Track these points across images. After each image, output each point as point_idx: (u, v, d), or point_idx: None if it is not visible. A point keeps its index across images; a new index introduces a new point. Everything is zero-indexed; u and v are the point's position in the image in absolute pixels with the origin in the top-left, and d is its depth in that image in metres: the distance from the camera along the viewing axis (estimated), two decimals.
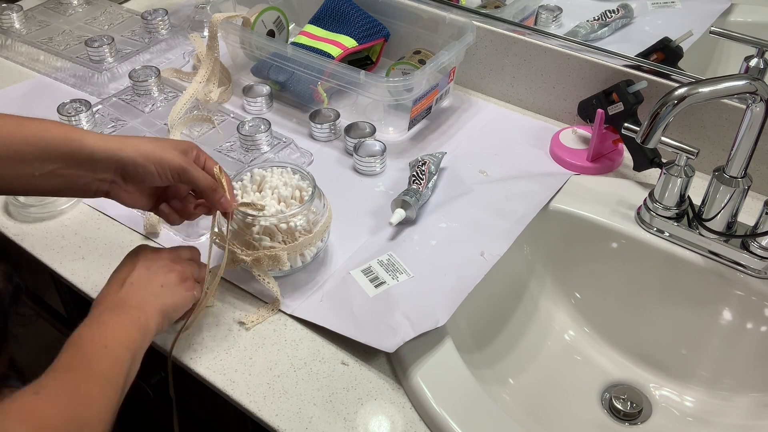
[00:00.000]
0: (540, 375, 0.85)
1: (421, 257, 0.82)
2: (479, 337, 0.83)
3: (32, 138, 0.64)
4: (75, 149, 0.65)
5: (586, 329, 0.89)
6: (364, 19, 1.10)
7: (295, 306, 0.78)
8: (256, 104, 1.07)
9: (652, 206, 0.84)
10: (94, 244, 0.86)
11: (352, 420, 0.68)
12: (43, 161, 0.65)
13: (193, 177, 0.69)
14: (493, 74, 1.08)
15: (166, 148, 0.69)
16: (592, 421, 0.82)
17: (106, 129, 1.01)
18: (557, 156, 0.96)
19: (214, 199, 0.72)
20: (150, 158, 0.67)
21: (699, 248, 0.82)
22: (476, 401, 0.68)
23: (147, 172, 0.68)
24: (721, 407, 0.81)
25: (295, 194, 0.79)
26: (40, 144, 0.64)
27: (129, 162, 0.67)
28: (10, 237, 0.88)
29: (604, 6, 1.04)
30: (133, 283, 0.68)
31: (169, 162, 0.68)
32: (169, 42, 1.22)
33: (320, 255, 0.83)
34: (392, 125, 1.03)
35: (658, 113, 0.71)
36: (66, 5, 1.31)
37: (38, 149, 0.64)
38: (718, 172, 0.79)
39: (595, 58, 0.97)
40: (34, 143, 0.64)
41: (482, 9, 1.09)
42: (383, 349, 0.71)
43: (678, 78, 0.92)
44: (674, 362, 0.85)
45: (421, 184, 0.88)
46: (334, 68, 0.99)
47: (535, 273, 0.90)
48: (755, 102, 0.71)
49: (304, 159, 0.98)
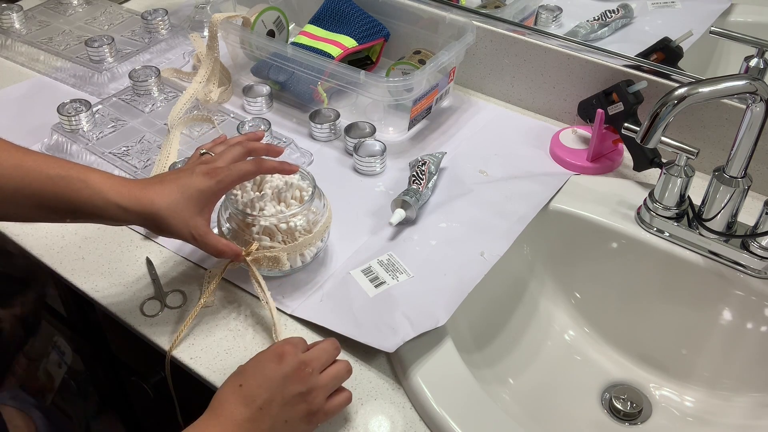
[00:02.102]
0: (540, 375, 0.85)
1: (421, 257, 0.82)
2: (479, 337, 0.83)
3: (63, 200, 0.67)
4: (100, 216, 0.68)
5: (586, 329, 0.89)
6: (364, 19, 1.10)
7: (295, 306, 0.78)
8: (256, 104, 1.07)
9: (652, 206, 0.84)
10: (94, 244, 0.86)
11: (352, 420, 0.68)
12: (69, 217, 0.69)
13: (202, 249, 0.71)
14: (493, 74, 1.08)
15: (186, 218, 0.69)
16: (592, 421, 0.82)
17: (106, 129, 1.01)
18: (557, 156, 0.96)
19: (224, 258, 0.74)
20: (164, 231, 0.69)
21: (699, 248, 0.82)
22: (476, 401, 0.68)
23: (161, 235, 0.71)
24: (721, 407, 0.81)
25: (295, 194, 0.79)
26: (68, 206, 0.67)
27: (145, 227, 0.70)
28: (11, 237, 0.88)
29: (604, 6, 1.04)
30: (262, 409, 0.61)
31: (180, 237, 0.70)
32: (169, 42, 1.22)
33: (320, 255, 0.83)
34: (392, 125, 1.03)
35: (658, 113, 0.71)
36: (66, 5, 1.31)
37: (66, 210, 0.67)
38: (718, 172, 0.79)
39: (595, 58, 0.97)
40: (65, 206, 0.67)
41: (482, 9, 1.09)
42: (383, 349, 0.71)
43: (678, 78, 0.92)
44: (674, 362, 0.85)
45: (421, 184, 0.88)
46: (334, 68, 0.99)
47: (535, 273, 0.90)
48: (755, 102, 0.71)
49: (304, 159, 0.98)
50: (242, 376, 0.63)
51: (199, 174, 0.70)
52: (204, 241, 0.70)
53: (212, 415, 0.61)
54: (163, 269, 0.83)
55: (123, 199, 0.66)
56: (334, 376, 0.65)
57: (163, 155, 0.93)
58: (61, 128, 0.99)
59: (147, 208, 0.67)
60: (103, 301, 0.80)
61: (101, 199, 0.66)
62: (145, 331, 0.76)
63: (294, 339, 0.66)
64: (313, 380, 0.63)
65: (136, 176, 0.93)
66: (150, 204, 0.67)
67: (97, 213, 0.67)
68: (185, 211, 0.68)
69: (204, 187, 0.69)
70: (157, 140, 0.99)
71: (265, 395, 0.61)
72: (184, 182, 0.69)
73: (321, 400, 0.64)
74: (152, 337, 0.76)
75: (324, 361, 0.65)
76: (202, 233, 0.69)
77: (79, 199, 0.66)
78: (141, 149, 0.97)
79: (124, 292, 0.80)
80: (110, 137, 0.99)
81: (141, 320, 0.77)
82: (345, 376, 0.66)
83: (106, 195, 0.66)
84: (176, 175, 0.70)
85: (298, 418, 0.62)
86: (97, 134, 0.99)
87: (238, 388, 0.62)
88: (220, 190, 0.70)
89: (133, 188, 0.67)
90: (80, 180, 0.66)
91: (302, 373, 0.63)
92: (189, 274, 0.82)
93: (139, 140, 0.99)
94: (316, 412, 0.63)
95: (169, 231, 0.68)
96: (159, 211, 0.67)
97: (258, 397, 0.61)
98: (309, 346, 0.67)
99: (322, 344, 0.67)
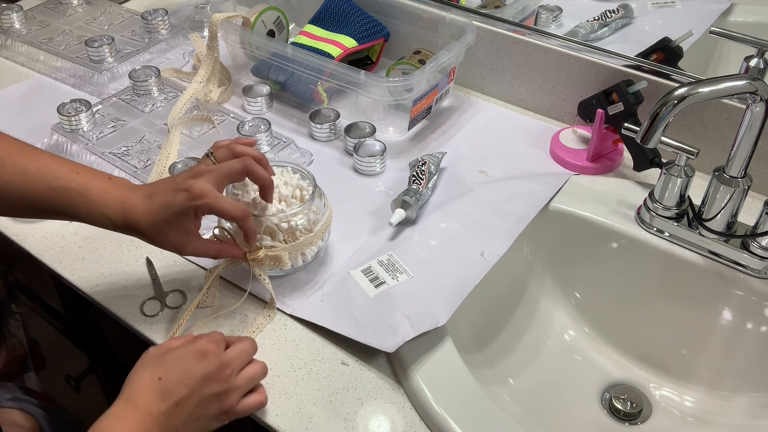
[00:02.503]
0: (540, 375, 0.85)
1: (421, 257, 0.82)
2: (479, 337, 0.83)
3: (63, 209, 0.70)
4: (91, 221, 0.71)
5: (586, 329, 0.89)
6: (364, 19, 1.10)
7: (295, 306, 0.78)
8: (256, 104, 1.07)
9: (652, 206, 0.84)
10: (94, 244, 0.86)
11: (352, 420, 0.68)
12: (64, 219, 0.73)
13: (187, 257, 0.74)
14: (493, 74, 1.08)
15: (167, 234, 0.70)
16: (592, 421, 0.82)
17: (106, 129, 1.01)
18: (557, 156, 0.96)
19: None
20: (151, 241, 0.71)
21: (699, 248, 0.82)
22: (476, 401, 0.68)
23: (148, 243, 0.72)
24: (721, 407, 0.81)
25: (295, 194, 0.79)
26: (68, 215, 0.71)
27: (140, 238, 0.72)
28: (10, 237, 0.88)
29: (604, 6, 1.04)
30: (179, 405, 0.62)
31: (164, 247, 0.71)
32: (169, 42, 1.22)
33: (320, 254, 0.83)
34: (392, 125, 1.03)
35: (658, 113, 0.71)
36: (66, 5, 1.31)
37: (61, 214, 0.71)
38: (718, 172, 0.79)
39: (595, 58, 0.97)
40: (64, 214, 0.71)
41: (482, 9, 1.09)
42: (383, 349, 0.71)
43: (678, 78, 0.92)
44: (674, 362, 0.85)
45: (421, 184, 0.88)
46: (334, 68, 0.99)
47: (535, 273, 0.90)
48: (755, 102, 0.71)
49: (304, 159, 0.98)
50: (162, 368, 0.64)
51: (182, 192, 0.69)
52: (187, 249, 0.71)
53: (127, 404, 0.62)
54: (163, 269, 0.83)
55: (116, 217, 0.70)
56: (250, 378, 0.67)
57: (163, 155, 0.93)
58: (61, 128, 0.99)
59: (134, 227, 0.70)
60: (103, 302, 0.80)
61: (98, 214, 0.70)
62: (145, 331, 0.76)
63: (216, 336, 0.67)
64: (231, 381, 0.65)
65: (136, 176, 0.92)
66: (136, 224, 0.70)
67: (93, 223, 0.71)
68: (167, 231, 0.70)
69: (183, 207, 0.69)
70: (157, 140, 0.99)
71: (183, 392, 0.62)
72: (167, 201, 0.69)
73: (235, 401, 0.65)
74: (152, 337, 0.76)
75: (243, 362, 0.67)
76: (184, 250, 0.72)
77: (78, 212, 0.70)
78: (141, 149, 0.97)
79: (124, 292, 0.80)
80: (110, 137, 0.99)
81: (141, 320, 0.77)
82: (260, 377, 0.68)
83: (102, 211, 0.70)
84: (165, 188, 0.70)
85: (210, 416, 0.64)
86: (97, 134, 0.99)
87: (157, 380, 0.63)
88: (200, 211, 0.70)
89: (126, 205, 0.70)
90: (80, 194, 0.70)
91: (222, 375, 0.64)
92: (189, 274, 0.82)
93: (139, 140, 0.99)
94: (228, 411, 0.65)
95: (154, 242, 0.71)
96: (144, 232, 0.70)
97: (176, 392, 0.62)
98: (227, 342, 0.68)
99: (242, 344, 0.68)
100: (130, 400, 0.62)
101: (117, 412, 0.61)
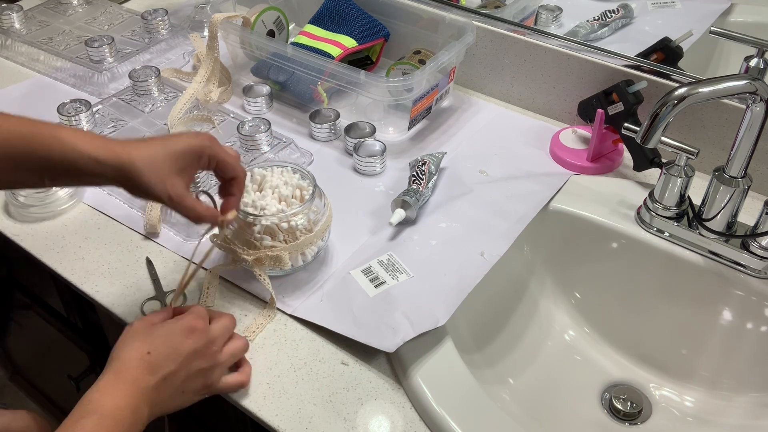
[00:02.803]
0: (540, 375, 0.85)
1: (421, 257, 0.82)
2: (479, 337, 0.83)
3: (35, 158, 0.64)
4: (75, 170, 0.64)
5: (586, 329, 0.89)
6: (364, 19, 1.10)
7: (295, 306, 0.78)
8: (256, 104, 1.07)
9: (652, 206, 0.84)
10: (94, 244, 0.86)
11: (352, 420, 0.68)
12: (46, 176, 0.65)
13: (179, 212, 0.67)
14: (493, 74, 1.08)
15: (163, 175, 0.64)
16: (592, 421, 0.82)
17: (106, 129, 1.01)
18: (557, 156, 0.96)
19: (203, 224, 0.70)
20: (140, 188, 0.64)
21: (699, 248, 0.82)
22: (476, 401, 0.68)
23: (137, 196, 0.66)
24: (721, 407, 0.81)
25: (295, 193, 0.79)
26: (42, 163, 0.64)
27: (120, 185, 0.65)
28: (11, 237, 0.88)
29: (604, 6, 1.04)
30: (166, 379, 0.64)
31: (155, 196, 0.65)
32: (169, 42, 1.22)
33: (320, 254, 0.83)
34: (392, 125, 1.03)
35: (658, 113, 0.71)
36: (66, 5, 1.31)
37: (41, 168, 0.64)
38: (718, 172, 0.79)
39: (595, 58, 0.97)
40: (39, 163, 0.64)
41: (482, 9, 1.09)
42: (383, 349, 0.71)
43: (678, 78, 0.92)
44: (674, 362, 0.85)
45: (421, 184, 0.88)
46: (334, 68, 0.99)
47: (535, 273, 0.90)
48: (755, 102, 0.71)
49: (304, 159, 0.98)
50: (150, 342, 0.64)
51: (188, 134, 0.68)
52: (181, 202, 0.66)
53: (117, 378, 0.62)
54: (163, 269, 0.83)
55: (97, 151, 0.63)
56: (233, 354, 0.69)
57: None
58: None
59: (122, 159, 0.63)
60: (103, 301, 0.80)
61: (73, 152, 0.63)
62: None
63: (201, 312, 0.68)
64: (216, 357, 0.67)
65: None
66: (127, 155, 0.63)
67: (71, 168, 0.63)
68: (164, 167, 0.64)
69: (190, 143, 0.66)
70: None
71: (171, 366, 0.64)
72: (170, 139, 0.66)
73: (218, 376, 0.68)
74: None
75: (225, 338, 0.69)
76: (179, 193, 0.65)
77: (52, 155, 0.63)
78: None
79: (124, 292, 0.80)
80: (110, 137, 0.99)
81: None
82: (242, 353, 0.71)
83: (79, 148, 0.63)
84: (164, 136, 0.68)
85: (194, 390, 0.66)
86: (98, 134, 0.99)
87: (146, 355, 0.63)
88: (205, 151, 0.67)
89: (111, 142, 0.64)
90: (52, 136, 0.63)
91: (209, 351, 0.66)
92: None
93: None
94: (210, 386, 0.67)
95: (144, 187, 0.64)
96: (135, 164, 0.63)
97: (164, 367, 0.63)
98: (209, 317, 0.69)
99: (224, 320, 0.70)
100: (120, 374, 0.63)
101: (106, 385, 0.62)
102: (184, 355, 0.65)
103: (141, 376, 0.63)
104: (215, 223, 0.71)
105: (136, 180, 0.63)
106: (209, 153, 0.68)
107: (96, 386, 0.62)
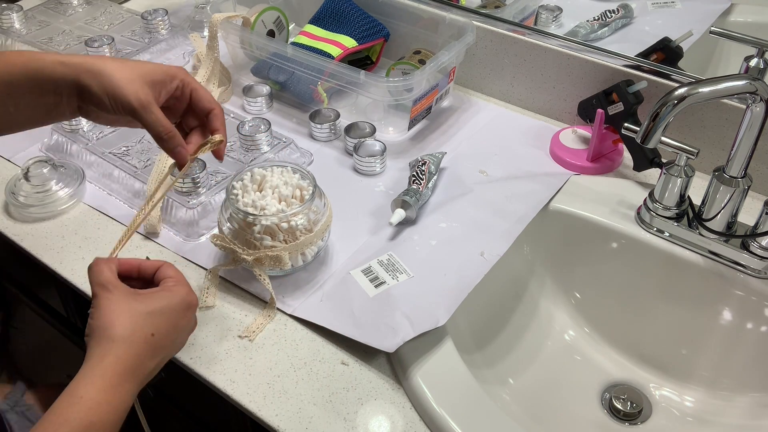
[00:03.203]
0: (540, 375, 0.85)
1: (421, 257, 0.82)
2: (479, 337, 0.83)
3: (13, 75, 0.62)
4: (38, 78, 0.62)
5: (586, 329, 0.89)
6: (364, 19, 1.10)
7: (295, 306, 0.78)
8: (256, 104, 1.07)
9: (652, 206, 0.84)
10: (94, 244, 0.86)
11: (352, 420, 0.68)
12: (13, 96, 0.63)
13: (144, 121, 0.63)
14: (493, 74, 1.08)
15: (133, 79, 0.63)
16: (592, 421, 0.82)
17: (106, 129, 1.00)
18: (557, 156, 0.96)
19: (166, 149, 0.66)
20: (107, 88, 0.62)
21: (699, 248, 0.82)
22: (476, 401, 0.68)
23: (101, 102, 0.63)
24: (721, 407, 0.81)
25: (295, 193, 0.79)
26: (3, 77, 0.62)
27: (85, 89, 0.63)
28: (10, 237, 0.88)
29: (604, 6, 1.04)
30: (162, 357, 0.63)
31: (122, 99, 0.62)
32: (169, 42, 1.22)
33: (320, 254, 0.83)
34: (392, 125, 1.03)
35: (658, 113, 0.71)
36: (66, 5, 1.31)
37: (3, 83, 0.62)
38: (718, 172, 0.79)
39: (595, 58, 0.97)
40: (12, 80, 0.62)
41: (482, 9, 1.09)
42: (383, 349, 0.71)
43: (678, 78, 0.92)
44: (674, 362, 0.85)
45: (421, 184, 0.88)
46: (334, 68, 0.99)
47: (535, 273, 0.90)
48: (755, 102, 0.71)
49: (304, 159, 0.98)
50: (151, 322, 0.61)
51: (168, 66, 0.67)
52: (148, 107, 0.63)
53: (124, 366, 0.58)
54: None
55: (63, 58, 0.62)
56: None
57: (163, 155, 0.93)
58: (61, 128, 0.99)
59: (91, 61, 0.62)
60: None
61: (37, 61, 0.62)
62: None
63: (182, 278, 0.66)
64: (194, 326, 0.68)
65: (137, 176, 0.92)
66: (97, 59, 0.62)
67: (34, 76, 0.62)
68: (134, 75, 0.63)
69: (162, 66, 0.65)
70: None
71: (168, 345, 0.64)
72: (152, 64, 0.65)
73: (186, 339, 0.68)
74: None
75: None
76: (149, 100, 0.63)
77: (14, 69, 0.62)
78: (141, 149, 0.97)
79: None
80: (110, 137, 0.99)
81: None
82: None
83: (43, 57, 0.62)
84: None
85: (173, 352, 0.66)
86: (97, 134, 0.99)
87: (150, 337, 0.61)
88: (177, 74, 0.66)
89: (86, 57, 0.63)
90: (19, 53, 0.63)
91: (195, 323, 0.67)
92: (189, 274, 0.82)
93: (139, 140, 0.99)
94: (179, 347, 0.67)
95: (112, 89, 0.62)
96: (106, 65, 0.62)
97: (165, 346, 0.63)
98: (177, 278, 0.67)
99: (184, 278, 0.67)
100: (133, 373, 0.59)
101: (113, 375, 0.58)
102: (182, 332, 0.65)
103: (145, 362, 0.60)
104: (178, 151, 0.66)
105: (105, 79, 0.62)
106: (182, 77, 0.67)
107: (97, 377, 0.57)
